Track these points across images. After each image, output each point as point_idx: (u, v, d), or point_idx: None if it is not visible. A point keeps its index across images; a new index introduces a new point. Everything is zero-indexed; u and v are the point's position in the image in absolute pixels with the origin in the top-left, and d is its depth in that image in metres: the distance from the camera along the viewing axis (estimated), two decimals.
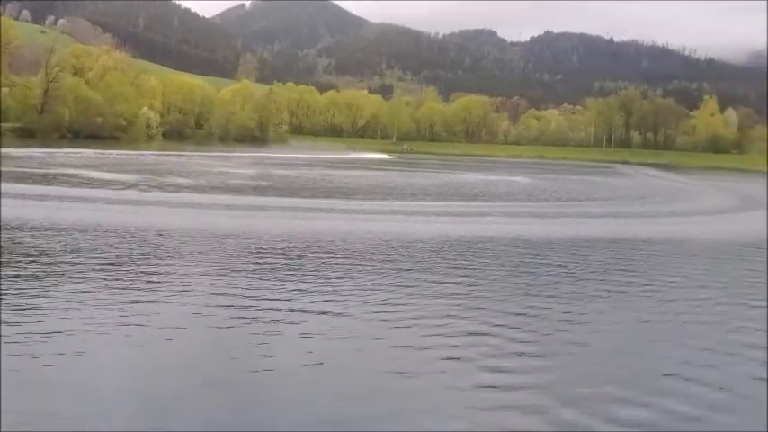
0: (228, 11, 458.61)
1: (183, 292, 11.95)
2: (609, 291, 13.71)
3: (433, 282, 13.79)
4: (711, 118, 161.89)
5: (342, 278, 13.81)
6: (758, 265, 18.12)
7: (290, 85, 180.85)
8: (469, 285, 13.57)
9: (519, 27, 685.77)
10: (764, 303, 13.12)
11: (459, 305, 11.82)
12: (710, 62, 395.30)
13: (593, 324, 11.15)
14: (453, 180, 52.36)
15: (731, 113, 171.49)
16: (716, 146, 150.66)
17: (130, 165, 50.18)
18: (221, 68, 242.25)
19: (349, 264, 15.35)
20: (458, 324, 10.60)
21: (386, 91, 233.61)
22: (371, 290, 12.78)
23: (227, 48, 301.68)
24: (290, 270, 14.47)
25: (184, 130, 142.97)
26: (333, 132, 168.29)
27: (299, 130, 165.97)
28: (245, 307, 11.13)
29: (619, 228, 25.42)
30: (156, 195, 28.88)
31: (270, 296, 11.95)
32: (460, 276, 14.41)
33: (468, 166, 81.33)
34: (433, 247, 18.46)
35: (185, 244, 16.89)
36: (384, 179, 49.89)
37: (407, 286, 13.21)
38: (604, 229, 24.80)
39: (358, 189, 39.33)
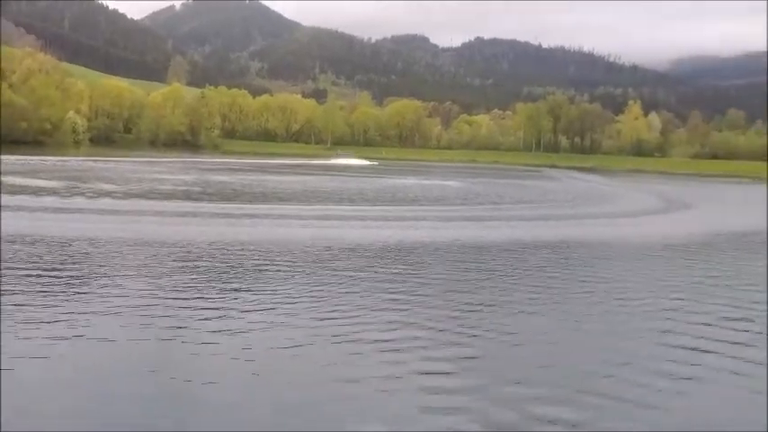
0: (157, 12, 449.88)
1: (112, 305, 11.71)
2: (542, 292, 14.16)
3: (375, 287, 13.98)
4: (635, 122, 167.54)
5: (283, 285, 13.86)
6: (679, 262, 19.09)
7: (223, 88, 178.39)
8: (410, 291, 13.74)
9: (450, 33, 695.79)
10: (683, 297, 13.95)
11: (401, 310, 12.01)
12: (634, 68, 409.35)
13: (527, 326, 11.54)
14: (390, 185, 52.79)
15: (654, 118, 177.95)
16: (640, 149, 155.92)
17: (58, 171, 48.84)
18: (151, 71, 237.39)
19: (289, 271, 15.41)
20: (400, 329, 10.78)
21: (319, 95, 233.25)
22: (312, 297, 12.88)
23: (156, 50, 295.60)
24: (227, 278, 14.43)
25: (112, 134, 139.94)
26: (266, 137, 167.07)
27: (231, 135, 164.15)
28: (181, 317, 11.04)
29: (551, 230, 26.17)
30: (81, 202, 28.27)
31: (206, 305, 11.87)
32: (400, 282, 14.64)
33: (401, 170, 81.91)
34: (374, 254, 18.71)
35: (118, 253, 16.70)
36: (319, 184, 49.97)
37: (350, 293, 13.34)
38: (536, 231, 25.56)
39: (294, 194, 39.34)
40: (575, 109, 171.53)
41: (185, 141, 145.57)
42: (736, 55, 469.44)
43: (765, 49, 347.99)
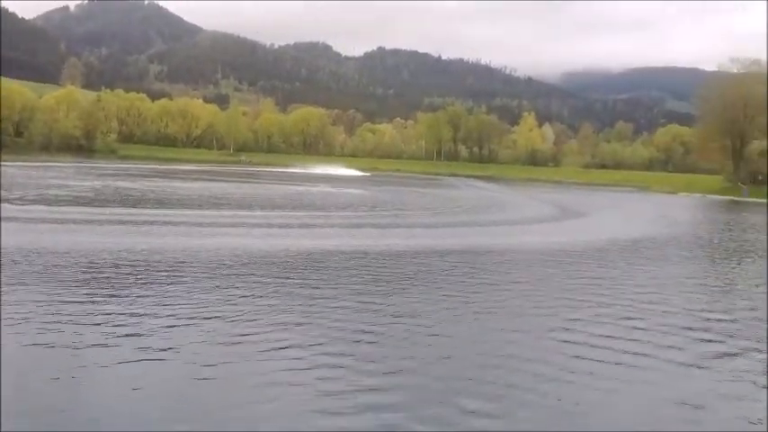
0: (50, 12, 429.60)
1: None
2: (449, 299, 15.06)
3: (286, 297, 14.43)
4: (530, 133, 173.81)
5: (190, 293, 14.12)
6: (569, 268, 20.84)
7: (120, 91, 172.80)
8: (322, 299, 14.26)
9: (353, 42, 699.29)
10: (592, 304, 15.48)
11: (310, 323, 12.30)
12: (529, 80, 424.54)
13: (438, 333, 12.30)
14: (296, 191, 53.35)
15: (548, 129, 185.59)
16: (534, 159, 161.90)
17: None
18: (43, 73, 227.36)
19: (197, 280, 15.71)
20: (314, 341, 11.07)
21: (222, 100, 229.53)
22: (220, 306, 13.18)
23: (49, 51, 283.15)
24: (130, 287, 14.59)
25: (1, 138, 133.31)
26: (166, 142, 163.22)
27: (129, 139, 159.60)
28: (75, 332, 10.94)
29: (458, 239, 27.48)
30: None
31: (109, 318, 11.81)
32: (313, 288, 15.34)
33: (306, 178, 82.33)
34: (284, 261, 19.48)
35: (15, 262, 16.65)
36: (226, 190, 50.01)
37: (262, 305, 13.63)
38: (442, 239, 26.98)
39: (202, 200, 39.42)
40: (473, 119, 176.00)
41: (80, 146, 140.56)
42: (624, 70, 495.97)
43: (650, 65, 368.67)
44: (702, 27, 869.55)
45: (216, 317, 12.29)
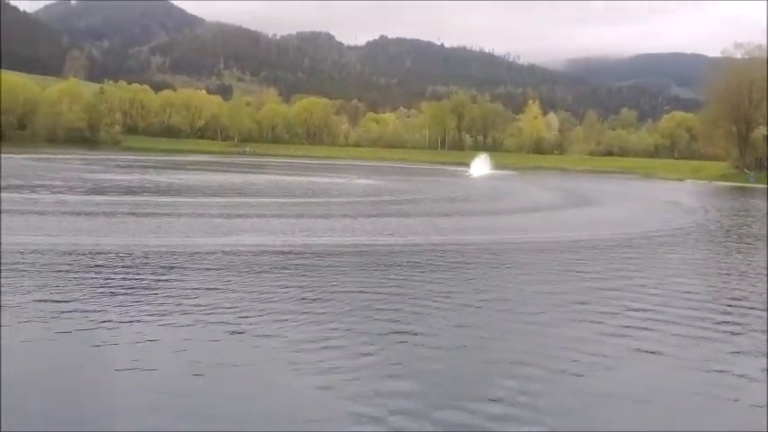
0: (52, 6, 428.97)
1: None
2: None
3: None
4: (535, 121, 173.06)
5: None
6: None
7: (123, 83, 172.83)
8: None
9: (355, 31, 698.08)
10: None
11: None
12: (532, 68, 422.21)
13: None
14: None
15: (552, 117, 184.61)
16: (539, 147, 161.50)
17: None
18: (45, 66, 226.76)
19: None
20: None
21: (225, 91, 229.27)
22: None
23: (51, 44, 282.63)
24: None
25: (6, 131, 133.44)
26: (170, 133, 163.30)
27: (133, 131, 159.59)
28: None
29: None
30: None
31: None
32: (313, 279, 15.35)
33: (314, 168, 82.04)
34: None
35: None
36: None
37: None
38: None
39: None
40: (477, 108, 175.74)
41: (84, 138, 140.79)
42: (628, 56, 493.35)
43: (654, 52, 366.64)
44: (706, 13, 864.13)
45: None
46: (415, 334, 10.94)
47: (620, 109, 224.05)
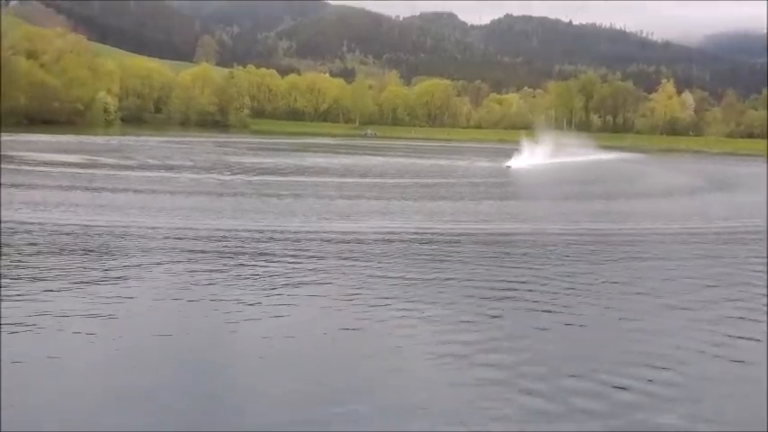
0: None
1: None
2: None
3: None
4: (669, 101, 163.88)
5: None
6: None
7: (251, 68, 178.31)
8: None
9: (479, 10, 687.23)
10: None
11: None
12: (667, 45, 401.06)
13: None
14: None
15: (688, 96, 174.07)
16: (674, 128, 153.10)
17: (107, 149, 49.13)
18: (178, 51, 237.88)
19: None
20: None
21: (348, 74, 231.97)
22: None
23: (184, 30, 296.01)
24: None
25: (143, 114, 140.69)
26: (295, 116, 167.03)
27: (260, 114, 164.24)
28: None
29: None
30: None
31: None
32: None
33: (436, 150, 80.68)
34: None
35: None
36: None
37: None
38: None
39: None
40: (607, 87, 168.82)
41: (215, 122, 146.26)
42: None
43: None
44: None
45: None
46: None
47: (761, 88, 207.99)
